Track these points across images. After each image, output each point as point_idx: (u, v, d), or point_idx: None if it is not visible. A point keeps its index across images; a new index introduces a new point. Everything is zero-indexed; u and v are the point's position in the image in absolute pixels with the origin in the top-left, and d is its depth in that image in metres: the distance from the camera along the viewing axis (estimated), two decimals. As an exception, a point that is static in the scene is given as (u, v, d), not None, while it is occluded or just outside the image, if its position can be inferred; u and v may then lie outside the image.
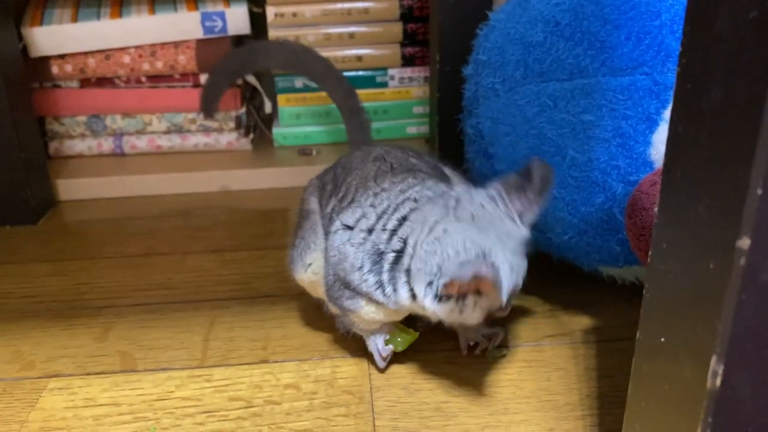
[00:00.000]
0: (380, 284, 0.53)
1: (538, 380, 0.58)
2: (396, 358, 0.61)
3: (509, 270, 0.49)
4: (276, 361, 0.61)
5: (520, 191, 0.53)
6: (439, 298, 0.49)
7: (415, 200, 0.53)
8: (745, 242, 0.28)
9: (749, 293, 0.29)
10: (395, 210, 0.54)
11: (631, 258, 0.62)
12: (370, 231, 0.54)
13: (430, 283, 0.50)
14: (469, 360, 0.60)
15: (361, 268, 0.53)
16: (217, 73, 0.88)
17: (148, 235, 0.86)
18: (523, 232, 0.52)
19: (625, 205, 0.57)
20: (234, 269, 0.77)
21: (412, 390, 0.57)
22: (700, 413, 0.33)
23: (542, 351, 0.62)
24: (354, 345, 0.63)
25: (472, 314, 0.50)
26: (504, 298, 0.48)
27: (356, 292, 0.54)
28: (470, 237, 0.49)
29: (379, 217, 0.54)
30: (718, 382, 0.31)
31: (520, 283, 0.51)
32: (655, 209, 0.36)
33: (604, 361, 0.60)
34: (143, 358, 0.62)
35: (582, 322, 0.65)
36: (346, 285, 0.55)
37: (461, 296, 0.49)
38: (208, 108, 0.89)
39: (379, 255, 0.53)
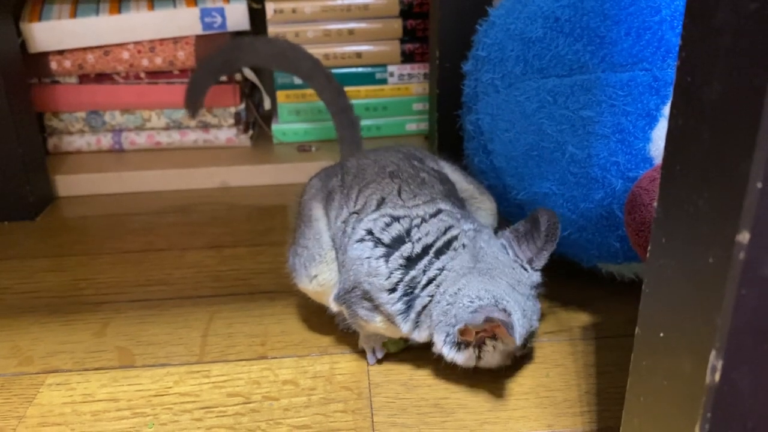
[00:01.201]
0: (406, 316, 0.54)
1: (537, 376, 0.58)
2: (394, 354, 0.60)
3: (521, 314, 0.52)
4: (274, 357, 0.61)
5: (528, 240, 0.56)
6: (458, 346, 0.52)
7: (455, 249, 0.55)
8: (744, 236, 0.28)
9: (749, 288, 0.29)
10: (437, 255, 0.55)
11: (630, 254, 0.62)
12: (410, 260, 0.54)
13: (448, 334, 0.52)
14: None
15: (393, 291, 0.54)
16: (200, 70, 0.87)
17: (147, 231, 0.86)
18: (533, 277, 0.55)
19: (624, 202, 0.57)
20: (233, 265, 0.77)
21: (411, 386, 0.57)
22: (699, 408, 0.32)
23: (541, 347, 0.61)
24: (353, 341, 0.62)
25: (491, 359, 0.54)
26: (518, 339, 0.50)
27: (376, 308, 0.55)
28: (485, 287, 0.52)
29: (423, 252, 0.54)
30: (718, 377, 0.31)
31: (536, 324, 0.55)
32: (655, 205, 0.36)
33: (602, 358, 0.60)
34: (142, 354, 0.62)
35: (581, 318, 0.65)
36: (369, 299, 0.55)
37: (479, 343, 0.52)
38: (193, 106, 0.88)
39: (413, 288, 0.54)
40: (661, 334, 0.36)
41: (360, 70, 1.04)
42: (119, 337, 0.64)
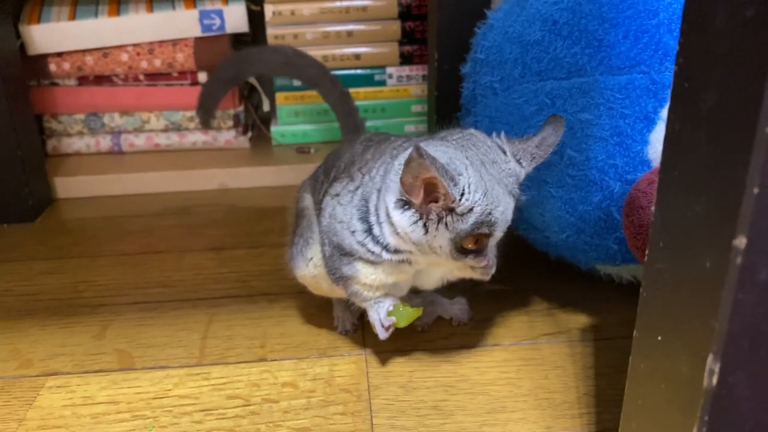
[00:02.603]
0: (369, 231, 0.53)
1: (535, 378, 0.58)
2: (394, 355, 0.61)
3: (482, 191, 0.47)
4: (274, 360, 0.61)
5: (523, 142, 0.52)
6: (403, 204, 0.49)
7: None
8: (741, 241, 0.29)
9: (746, 292, 0.30)
10: (385, 157, 0.54)
11: (628, 256, 0.62)
12: (357, 188, 0.54)
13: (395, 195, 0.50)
14: (467, 358, 0.60)
15: (350, 224, 0.54)
16: (212, 83, 0.88)
17: (146, 233, 0.86)
18: (510, 164, 0.51)
19: (622, 204, 0.57)
20: (232, 267, 0.77)
21: (410, 388, 0.57)
22: (696, 411, 0.33)
23: (540, 349, 0.62)
24: (352, 343, 0.63)
25: (438, 238, 0.49)
26: (454, 194, 0.46)
27: (352, 256, 0.54)
28: (442, 151, 0.48)
29: (367, 174, 0.54)
30: (715, 380, 0.31)
31: (500, 218, 0.49)
32: (653, 208, 0.36)
33: (601, 360, 0.60)
34: (141, 356, 0.62)
35: (579, 320, 0.66)
36: (341, 249, 0.55)
37: (424, 210, 0.48)
38: (206, 119, 0.89)
39: (366, 201, 0.53)
40: (659, 338, 0.36)
41: (359, 71, 1.04)
42: (119, 339, 0.64)
